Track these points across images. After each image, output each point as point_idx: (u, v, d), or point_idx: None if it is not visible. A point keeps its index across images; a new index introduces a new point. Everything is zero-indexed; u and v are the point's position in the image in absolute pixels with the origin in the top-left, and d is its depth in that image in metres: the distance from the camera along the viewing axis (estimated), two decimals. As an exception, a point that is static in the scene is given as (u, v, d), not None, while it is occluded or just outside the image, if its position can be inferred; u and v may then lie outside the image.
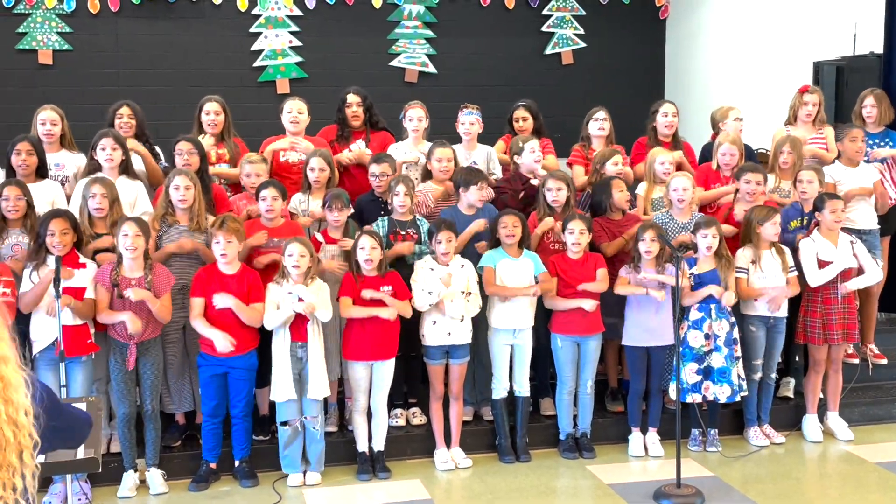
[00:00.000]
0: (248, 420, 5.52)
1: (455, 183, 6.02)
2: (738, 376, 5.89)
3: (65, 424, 2.30)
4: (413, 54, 8.79)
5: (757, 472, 5.71)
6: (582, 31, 9.14)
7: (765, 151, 6.94)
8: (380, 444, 5.67)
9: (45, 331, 5.09)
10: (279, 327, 5.36)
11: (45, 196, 5.61)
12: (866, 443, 6.16)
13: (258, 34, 8.44)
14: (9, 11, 7.81)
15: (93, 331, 5.26)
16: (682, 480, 5.26)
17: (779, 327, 6.08)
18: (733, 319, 5.89)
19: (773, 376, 6.21)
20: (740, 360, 5.93)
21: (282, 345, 5.37)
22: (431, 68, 8.79)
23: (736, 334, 5.90)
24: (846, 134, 6.55)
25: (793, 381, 6.60)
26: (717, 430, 6.07)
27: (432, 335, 5.64)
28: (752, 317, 6.05)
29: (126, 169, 5.77)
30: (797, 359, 6.60)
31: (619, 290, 5.83)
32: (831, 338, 6.07)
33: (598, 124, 6.63)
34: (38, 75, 7.80)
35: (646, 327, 5.85)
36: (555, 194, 5.97)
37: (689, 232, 5.97)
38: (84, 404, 3.65)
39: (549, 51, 9.07)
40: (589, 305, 5.72)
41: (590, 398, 5.97)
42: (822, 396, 6.31)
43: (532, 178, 6.24)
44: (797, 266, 6.02)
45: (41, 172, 5.74)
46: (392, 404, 5.91)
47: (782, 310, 6.03)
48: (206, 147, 6.06)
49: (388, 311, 5.44)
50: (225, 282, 5.35)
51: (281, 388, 5.37)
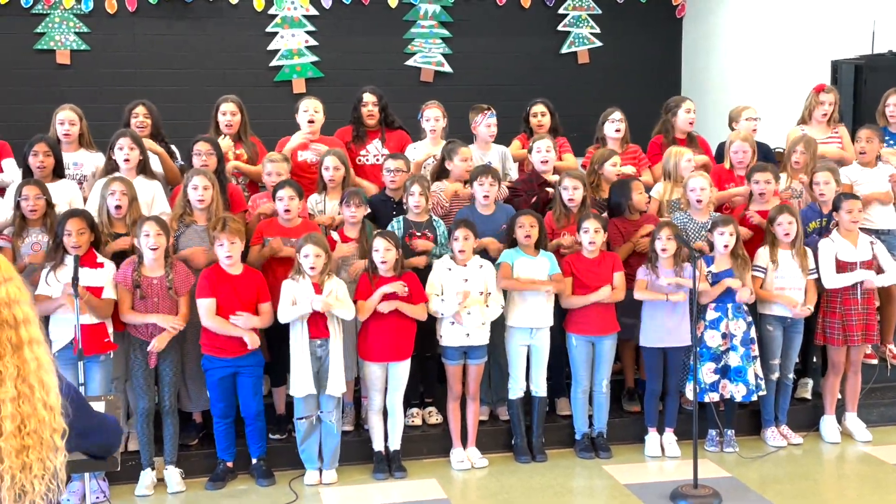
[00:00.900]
0: (262, 419, 5.53)
1: (469, 181, 6.02)
2: (756, 376, 5.87)
3: (94, 423, 2.32)
4: (429, 54, 8.79)
5: (774, 473, 5.68)
6: (598, 30, 9.11)
7: (781, 151, 6.91)
8: (396, 444, 5.67)
9: (62, 330, 5.12)
10: (296, 321, 5.37)
11: (63, 196, 5.64)
12: (885, 444, 6.12)
13: (274, 34, 8.46)
14: (27, 11, 7.86)
15: (111, 329, 5.29)
16: (699, 481, 5.24)
17: (796, 327, 6.05)
18: (750, 319, 5.88)
19: (791, 377, 6.18)
20: (757, 360, 5.91)
21: (300, 340, 5.38)
22: (447, 68, 8.79)
23: (753, 334, 5.88)
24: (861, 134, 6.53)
25: (810, 382, 6.56)
26: (734, 431, 6.04)
27: (450, 336, 5.64)
28: (770, 316, 6.02)
29: (143, 169, 5.79)
30: (815, 359, 6.58)
31: (638, 296, 5.81)
32: (851, 339, 6.04)
33: (615, 125, 6.61)
34: (55, 75, 7.84)
35: (663, 328, 5.83)
36: (571, 193, 5.95)
37: (707, 231, 5.95)
38: (103, 403, 3.66)
39: (564, 50, 9.06)
40: (604, 293, 5.69)
41: (605, 398, 5.96)
42: (840, 397, 6.28)
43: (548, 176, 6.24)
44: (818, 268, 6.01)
45: (59, 172, 5.77)
46: (408, 404, 5.92)
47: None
48: (224, 147, 6.07)
49: (405, 305, 5.45)
50: (231, 282, 5.36)
51: (300, 383, 5.38)
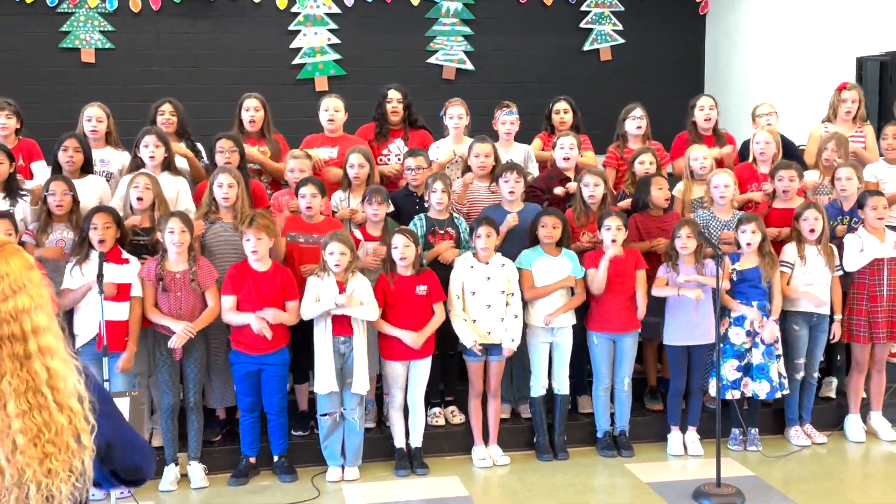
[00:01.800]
0: (284, 415, 5.56)
1: (495, 178, 6.02)
2: (779, 374, 5.84)
3: (127, 436, 2.29)
4: (451, 51, 8.79)
5: (798, 472, 5.65)
6: (620, 27, 9.08)
7: (803, 148, 6.86)
8: (417, 441, 5.68)
9: (87, 326, 5.17)
10: (320, 318, 5.39)
11: (91, 192, 5.69)
12: (910, 443, 6.08)
13: (297, 32, 8.48)
14: (52, 11, 7.92)
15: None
16: (722, 480, 5.22)
17: (822, 326, 6.01)
18: (775, 318, 5.84)
19: (816, 375, 6.14)
20: (781, 359, 5.88)
21: (323, 337, 5.40)
22: (469, 65, 8.79)
23: (777, 333, 5.84)
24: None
25: (835, 381, 6.52)
26: (757, 430, 6.01)
27: (467, 337, 5.63)
28: (796, 315, 5.99)
29: (169, 166, 5.83)
30: (839, 358, 6.53)
31: (656, 292, 5.80)
32: (877, 336, 6.01)
33: (636, 122, 6.59)
34: (81, 74, 7.90)
35: (687, 326, 5.81)
36: (591, 190, 5.94)
37: (732, 228, 5.92)
38: (127, 399, 3.69)
39: (587, 47, 9.03)
40: (614, 251, 5.66)
41: (627, 396, 5.95)
42: (864, 396, 6.24)
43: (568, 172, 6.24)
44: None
45: (87, 169, 5.82)
46: (429, 403, 5.93)
47: (825, 308, 5.97)
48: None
49: (412, 336, 5.49)
50: (257, 279, 5.40)
51: (323, 380, 5.40)
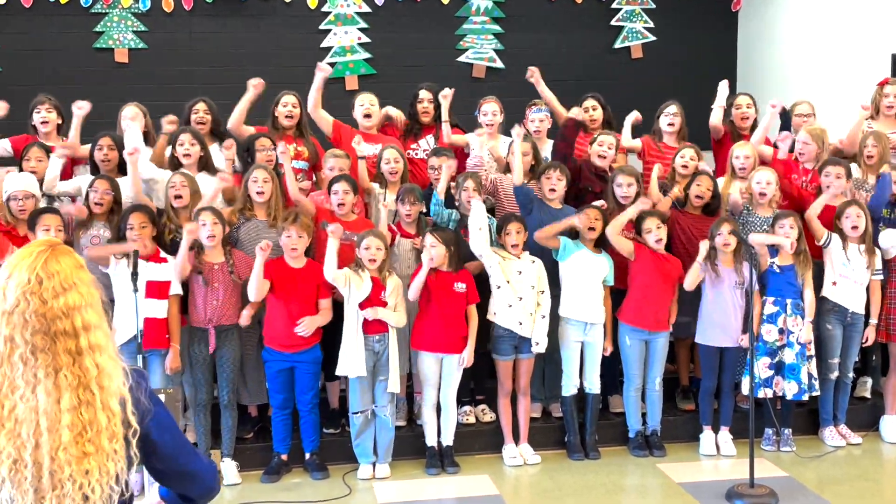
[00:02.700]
0: (316, 412, 5.60)
1: (537, 176, 6.02)
2: (810, 375, 5.78)
3: (190, 457, 2.30)
4: (481, 50, 8.78)
5: (832, 473, 5.60)
6: (652, 25, 9.03)
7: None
8: (448, 439, 5.69)
9: (126, 324, 5.23)
10: (351, 308, 5.42)
11: (125, 191, 5.74)
12: (947, 445, 6.01)
13: (327, 31, 8.51)
14: (86, 11, 8.00)
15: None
16: (756, 480, 5.19)
17: (856, 326, 5.96)
18: (810, 318, 5.80)
19: (850, 375, 6.09)
20: (813, 360, 5.82)
21: (352, 321, 5.42)
22: (499, 63, 8.77)
23: (810, 333, 5.79)
24: None
25: (870, 381, 6.46)
26: (790, 430, 5.97)
27: (503, 317, 5.63)
28: (829, 314, 5.94)
29: (205, 165, 5.88)
30: (874, 358, 6.47)
31: (687, 283, 5.77)
32: (915, 334, 5.96)
33: (668, 119, 6.57)
34: (114, 73, 7.97)
35: (720, 326, 5.79)
36: (625, 190, 5.93)
37: (769, 225, 5.88)
38: (163, 396, 3.73)
39: (618, 45, 8.99)
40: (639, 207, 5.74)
41: (658, 395, 5.92)
42: (900, 396, 6.17)
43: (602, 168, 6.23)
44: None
45: (124, 169, 5.88)
46: (459, 401, 5.93)
47: (859, 307, 5.92)
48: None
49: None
50: (293, 275, 5.44)
51: (349, 363, 5.42)
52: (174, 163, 5.86)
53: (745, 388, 5.73)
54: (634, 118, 6.69)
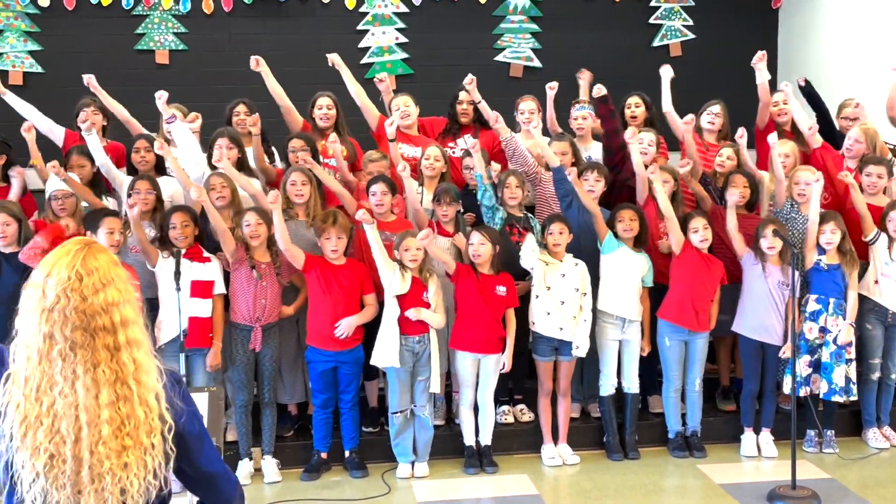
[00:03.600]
0: (356, 410, 5.63)
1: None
2: (847, 378, 5.71)
3: (215, 460, 2.33)
4: (518, 49, 8.75)
5: (876, 475, 5.54)
6: (691, 23, 8.95)
7: (893, 147, 6.69)
8: (486, 439, 5.69)
9: (171, 322, 5.29)
10: (391, 301, 5.45)
11: (165, 191, 5.80)
12: None
13: (365, 31, 8.54)
14: (127, 13, 8.08)
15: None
16: (798, 482, 5.14)
17: (900, 326, 5.89)
18: (851, 320, 5.73)
19: (894, 377, 6.01)
20: (853, 363, 5.76)
21: (390, 313, 5.45)
22: (536, 63, 8.75)
23: (851, 336, 5.73)
24: None
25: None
26: (833, 432, 5.91)
27: (543, 325, 5.63)
28: (870, 315, 5.88)
29: (242, 166, 5.92)
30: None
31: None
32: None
33: (709, 118, 6.54)
34: (155, 75, 8.03)
35: (761, 322, 5.75)
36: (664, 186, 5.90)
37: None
38: (206, 394, 3.77)
39: (656, 43, 8.92)
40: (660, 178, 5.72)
41: (698, 396, 5.89)
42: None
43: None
44: None
45: (161, 169, 5.94)
46: (498, 401, 5.94)
47: None
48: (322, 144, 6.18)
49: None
50: (335, 272, 5.48)
51: (384, 354, 5.44)
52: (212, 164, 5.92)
53: (787, 387, 5.68)
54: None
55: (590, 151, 6.44)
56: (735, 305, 5.90)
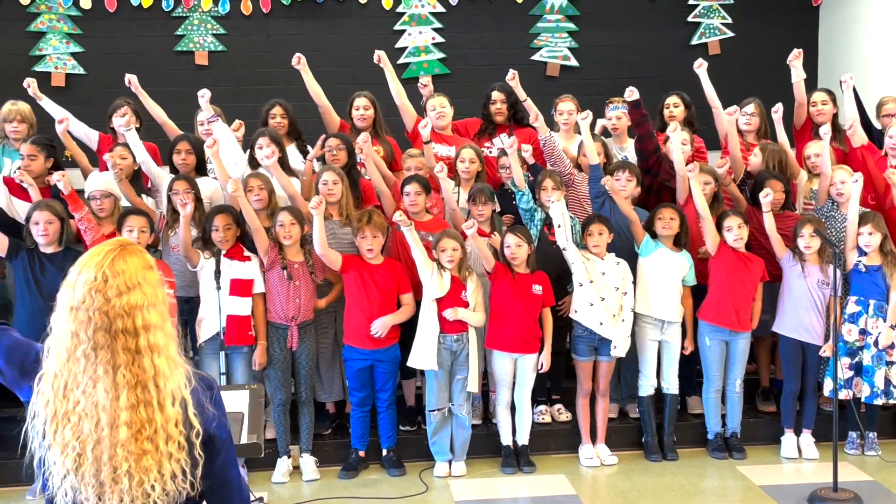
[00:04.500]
0: (393, 409, 5.65)
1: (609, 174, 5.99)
2: (888, 381, 5.64)
3: (235, 460, 2.34)
4: (555, 48, 8.73)
5: (920, 479, 5.46)
6: (729, 21, 8.87)
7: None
8: (524, 439, 5.69)
9: (211, 320, 5.34)
10: (429, 302, 5.47)
11: (204, 192, 5.85)
12: None
13: (402, 31, 8.56)
14: (167, 15, 8.17)
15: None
16: (839, 484, 5.08)
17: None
18: (892, 322, 5.65)
19: (938, 379, 5.92)
20: (894, 366, 5.68)
21: (429, 315, 5.46)
22: (573, 62, 8.72)
23: (891, 337, 5.65)
24: None
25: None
26: (875, 434, 5.83)
27: (584, 315, 5.62)
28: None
29: (282, 166, 5.95)
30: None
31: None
32: None
33: (745, 119, 6.48)
34: (195, 76, 8.10)
35: (801, 321, 5.70)
36: (704, 188, 5.86)
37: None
38: (247, 392, 3.79)
39: (695, 41, 8.86)
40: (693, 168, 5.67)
41: (738, 397, 5.85)
42: None
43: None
44: None
45: (201, 170, 5.99)
46: (535, 400, 5.93)
47: None
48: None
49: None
50: (372, 271, 5.50)
51: (422, 356, 5.46)
52: (253, 164, 5.96)
53: (827, 389, 5.62)
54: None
55: (626, 152, 6.42)
56: (775, 305, 5.85)
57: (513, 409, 5.70)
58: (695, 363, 6.00)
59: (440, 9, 8.59)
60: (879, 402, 5.67)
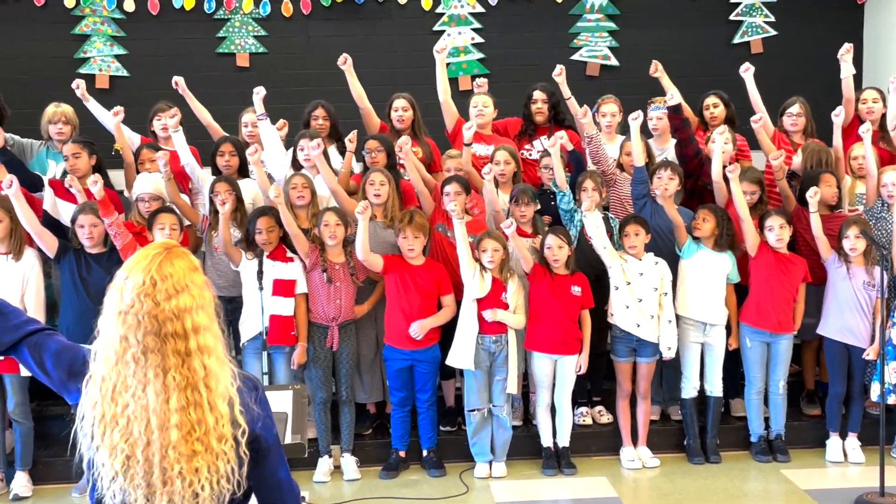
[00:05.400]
0: (434, 410, 5.66)
1: (650, 174, 5.95)
2: None
3: (284, 457, 2.36)
4: (595, 48, 8.68)
5: (970, 484, 5.36)
6: (772, 19, 8.77)
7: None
8: (564, 441, 5.67)
9: (254, 320, 5.38)
10: (469, 302, 5.47)
11: (246, 194, 5.89)
12: None
13: (441, 32, 8.56)
14: (209, 17, 8.23)
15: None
16: (886, 489, 5.01)
17: None
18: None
19: None
20: None
21: (469, 315, 5.46)
22: (614, 61, 8.67)
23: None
24: None
25: None
26: (924, 438, 5.74)
27: (621, 318, 5.60)
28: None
29: (324, 166, 5.99)
30: None
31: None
32: None
33: (791, 120, 6.40)
34: (236, 78, 8.16)
35: (846, 323, 5.63)
36: (749, 197, 5.81)
37: None
38: (290, 392, 3.81)
39: (737, 40, 8.76)
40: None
41: (782, 399, 5.79)
42: None
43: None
44: None
45: (244, 172, 6.03)
46: (576, 402, 5.90)
47: None
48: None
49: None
50: (413, 272, 5.51)
51: (460, 355, 5.46)
52: (296, 165, 6.00)
53: (874, 394, 5.54)
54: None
55: (667, 152, 6.37)
56: (820, 308, 5.78)
57: (553, 410, 5.68)
58: (738, 365, 5.94)
59: (479, 9, 8.58)
60: None
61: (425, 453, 5.66)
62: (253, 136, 6.26)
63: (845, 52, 6.31)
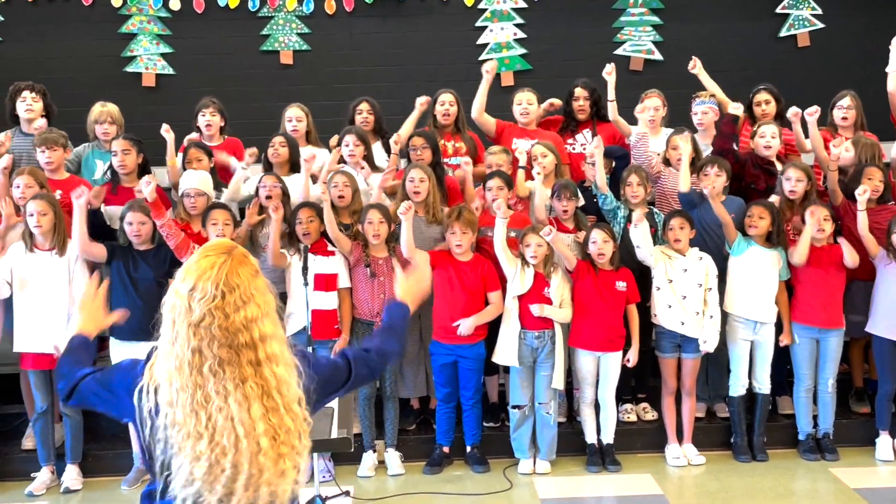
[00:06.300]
0: (478, 407, 5.65)
1: (697, 171, 5.90)
2: None
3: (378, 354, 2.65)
4: (639, 42, 8.62)
5: None
6: (820, 12, 8.64)
7: None
8: (609, 437, 5.64)
9: (299, 315, 5.42)
10: (512, 299, 5.47)
11: (292, 191, 5.91)
12: None
13: (484, 28, 8.55)
14: (253, 15, 8.30)
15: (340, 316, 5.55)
16: (938, 488, 4.93)
17: None
18: None
19: None
20: None
21: (512, 311, 5.47)
22: (657, 56, 8.60)
23: None
24: None
25: None
26: (977, 437, 5.64)
27: (664, 318, 5.56)
28: None
29: (369, 163, 6.00)
30: None
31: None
32: None
33: (841, 113, 6.30)
34: (280, 75, 8.23)
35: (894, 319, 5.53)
36: (793, 185, 5.75)
37: None
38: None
39: (783, 33, 8.65)
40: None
41: (831, 397, 5.71)
42: None
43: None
44: None
45: (294, 168, 6.06)
46: (620, 399, 5.87)
47: None
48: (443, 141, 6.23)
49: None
50: (459, 268, 5.52)
51: (506, 351, 5.46)
52: (340, 162, 6.03)
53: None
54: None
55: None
56: (868, 305, 5.69)
57: (597, 407, 5.65)
58: (786, 363, 5.87)
59: (522, 4, 8.55)
60: None
61: (469, 449, 5.66)
62: (296, 130, 6.30)
63: None
